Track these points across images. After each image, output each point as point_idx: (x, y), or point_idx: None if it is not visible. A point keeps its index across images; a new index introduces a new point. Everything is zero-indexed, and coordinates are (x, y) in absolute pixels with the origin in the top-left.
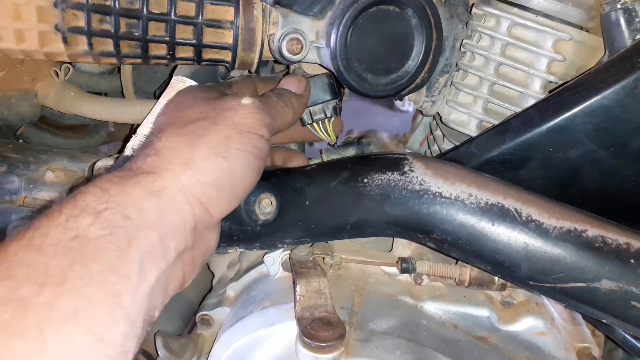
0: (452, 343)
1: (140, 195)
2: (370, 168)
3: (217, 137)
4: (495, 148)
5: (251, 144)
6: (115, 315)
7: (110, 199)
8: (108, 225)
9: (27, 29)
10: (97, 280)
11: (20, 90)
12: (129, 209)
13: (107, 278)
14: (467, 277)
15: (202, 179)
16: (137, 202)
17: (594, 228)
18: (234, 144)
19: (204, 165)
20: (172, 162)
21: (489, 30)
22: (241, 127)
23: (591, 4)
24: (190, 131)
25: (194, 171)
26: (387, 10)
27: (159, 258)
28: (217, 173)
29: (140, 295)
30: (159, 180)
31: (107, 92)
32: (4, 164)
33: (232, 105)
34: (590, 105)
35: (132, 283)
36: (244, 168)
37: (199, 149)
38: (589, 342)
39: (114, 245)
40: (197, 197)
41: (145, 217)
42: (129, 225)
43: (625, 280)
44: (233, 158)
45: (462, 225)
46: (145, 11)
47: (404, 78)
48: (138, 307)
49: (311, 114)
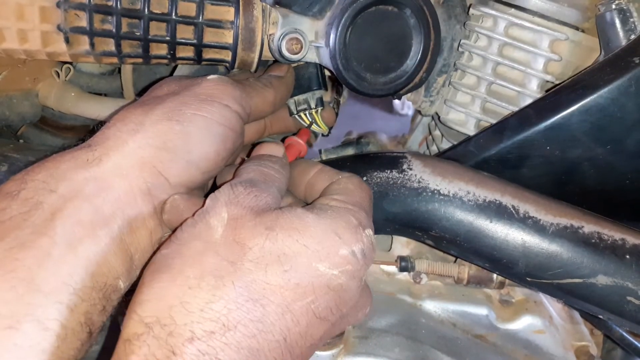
0: (451, 341)
1: (70, 168)
2: (369, 166)
3: (173, 103)
4: (493, 147)
5: (212, 110)
6: (18, 288)
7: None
8: (25, 204)
9: (30, 29)
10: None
11: (21, 91)
12: (55, 184)
13: (12, 255)
14: (465, 276)
15: (151, 142)
16: (65, 175)
17: (590, 224)
18: (189, 109)
19: (153, 129)
20: (121, 130)
21: (486, 30)
22: (202, 95)
23: (587, 4)
24: (148, 102)
25: (142, 134)
26: (385, 10)
27: (97, 227)
28: (168, 135)
29: (68, 266)
30: (99, 149)
31: (107, 93)
32: (5, 164)
33: (197, 81)
34: (587, 104)
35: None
36: (201, 132)
37: (152, 114)
38: (587, 340)
39: (29, 222)
40: (147, 160)
41: (74, 187)
42: (52, 200)
43: (620, 275)
44: (187, 121)
45: (460, 222)
46: (146, 11)
47: (402, 77)
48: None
49: (296, 103)
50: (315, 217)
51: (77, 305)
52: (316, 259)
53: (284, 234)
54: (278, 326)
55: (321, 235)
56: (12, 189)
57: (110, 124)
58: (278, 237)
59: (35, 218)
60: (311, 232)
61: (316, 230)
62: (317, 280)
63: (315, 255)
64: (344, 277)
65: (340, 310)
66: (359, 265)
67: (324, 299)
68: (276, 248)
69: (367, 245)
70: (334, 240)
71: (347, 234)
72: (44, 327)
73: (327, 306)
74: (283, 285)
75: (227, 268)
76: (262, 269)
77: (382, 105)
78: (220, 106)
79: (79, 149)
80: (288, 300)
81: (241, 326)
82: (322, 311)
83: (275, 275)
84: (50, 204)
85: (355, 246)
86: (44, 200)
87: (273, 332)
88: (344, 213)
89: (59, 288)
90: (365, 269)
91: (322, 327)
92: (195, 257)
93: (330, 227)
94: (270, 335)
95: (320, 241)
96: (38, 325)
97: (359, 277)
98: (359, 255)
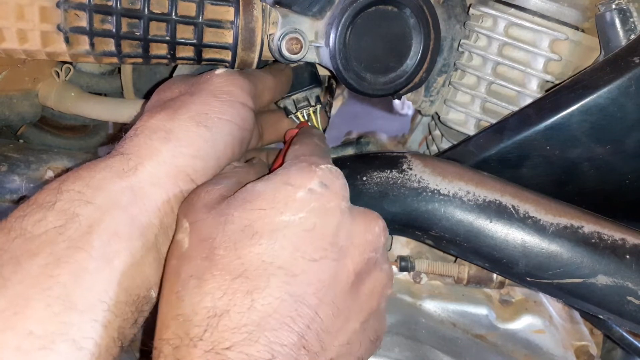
0: (451, 341)
1: (105, 178)
2: (369, 166)
3: (196, 106)
4: (493, 146)
5: (234, 113)
6: (53, 307)
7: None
8: (61, 217)
9: (30, 29)
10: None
11: (21, 91)
12: (92, 194)
13: (48, 272)
14: (465, 275)
15: (184, 151)
16: (101, 185)
17: (590, 224)
18: (214, 113)
19: (185, 136)
20: (151, 138)
21: (486, 30)
22: (220, 95)
23: (586, 4)
24: (169, 106)
25: (175, 143)
26: (385, 10)
27: (134, 237)
28: (200, 144)
29: (103, 281)
30: (134, 158)
31: (107, 93)
32: (5, 164)
33: (206, 77)
34: (586, 104)
35: (90, 270)
36: (227, 138)
37: (179, 119)
38: (587, 340)
39: (65, 237)
40: (182, 169)
41: (111, 198)
42: (89, 212)
43: (620, 275)
44: (215, 127)
45: (460, 222)
46: (146, 11)
47: (402, 77)
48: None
49: (295, 102)
50: (264, 182)
51: (110, 322)
52: (277, 213)
53: (238, 210)
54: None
55: (273, 193)
56: (47, 200)
57: (138, 130)
58: (235, 215)
59: (71, 232)
60: (262, 196)
61: (267, 191)
62: (288, 231)
63: (274, 212)
64: (314, 214)
65: (333, 244)
66: (325, 197)
67: (305, 242)
68: (236, 226)
69: (324, 176)
70: (286, 190)
71: (298, 178)
72: (78, 347)
73: (314, 247)
74: (258, 252)
75: (204, 265)
76: (232, 249)
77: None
78: (240, 106)
79: (111, 157)
80: (270, 260)
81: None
82: (313, 252)
83: (245, 248)
84: (87, 216)
85: (310, 184)
86: (81, 212)
87: (271, 294)
88: (293, 164)
89: (94, 305)
90: (337, 196)
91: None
92: (175, 274)
93: (280, 181)
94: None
95: (274, 197)
96: (73, 345)
97: (333, 207)
98: (319, 188)
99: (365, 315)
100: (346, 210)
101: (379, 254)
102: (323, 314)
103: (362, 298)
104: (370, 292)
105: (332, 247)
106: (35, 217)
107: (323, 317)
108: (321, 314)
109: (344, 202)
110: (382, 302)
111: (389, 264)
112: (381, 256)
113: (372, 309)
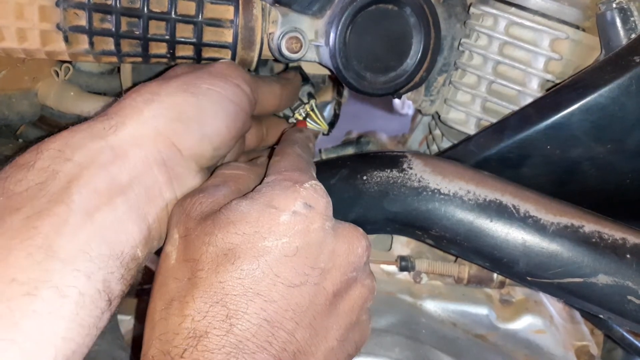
0: (451, 341)
1: (85, 137)
2: (369, 165)
3: (188, 77)
4: (494, 146)
5: (225, 86)
6: (35, 255)
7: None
8: (41, 174)
9: (30, 28)
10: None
11: (20, 90)
12: (71, 152)
13: (30, 224)
14: (465, 275)
15: (165, 112)
16: (81, 143)
17: (590, 224)
18: (204, 84)
19: (168, 100)
20: (135, 100)
21: (486, 29)
22: (216, 73)
23: (587, 3)
24: (163, 77)
25: (158, 104)
26: (385, 9)
27: (114, 194)
28: (183, 107)
29: (85, 233)
30: (115, 118)
31: (106, 92)
32: (4, 164)
33: (209, 63)
34: (587, 103)
35: (70, 222)
36: (214, 106)
37: (167, 86)
38: (588, 340)
39: (45, 192)
40: (162, 131)
41: (90, 155)
42: (68, 168)
43: (621, 275)
44: (202, 95)
45: (460, 222)
46: (146, 10)
47: (402, 76)
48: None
49: None
50: (249, 202)
51: (94, 273)
52: (260, 239)
53: (222, 232)
54: (251, 313)
55: (257, 216)
56: (27, 160)
57: (126, 95)
58: (218, 237)
59: (51, 187)
60: (246, 218)
61: (250, 214)
62: (270, 257)
63: (257, 237)
64: (297, 237)
65: (314, 267)
66: (308, 219)
67: (286, 268)
68: (219, 249)
69: (308, 196)
70: (270, 214)
71: (282, 200)
72: (62, 294)
73: (295, 273)
74: (239, 277)
75: (187, 287)
76: (214, 273)
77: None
78: (233, 84)
79: (95, 118)
80: (250, 286)
81: (213, 330)
82: (293, 278)
83: (227, 273)
84: (66, 172)
85: (294, 206)
86: (60, 169)
87: (249, 320)
88: (277, 183)
89: (76, 255)
90: (321, 217)
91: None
92: (161, 290)
93: (263, 203)
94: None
95: (257, 221)
96: (56, 291)
97: (317, 228)
98: (303, 210)
99: (343, 332)
100: (329, 230)
101: (359, 272)
102: (300, 336)
103: (341, 315)
104: (349, 308)
105: (313, 270)
106: (16, 177)
107: (300, 339)
108: (298, 337)
109: (328, 222)
110: (362, 314)
111: (371, 277)
112: (362, 272)
113: (351, 323)
